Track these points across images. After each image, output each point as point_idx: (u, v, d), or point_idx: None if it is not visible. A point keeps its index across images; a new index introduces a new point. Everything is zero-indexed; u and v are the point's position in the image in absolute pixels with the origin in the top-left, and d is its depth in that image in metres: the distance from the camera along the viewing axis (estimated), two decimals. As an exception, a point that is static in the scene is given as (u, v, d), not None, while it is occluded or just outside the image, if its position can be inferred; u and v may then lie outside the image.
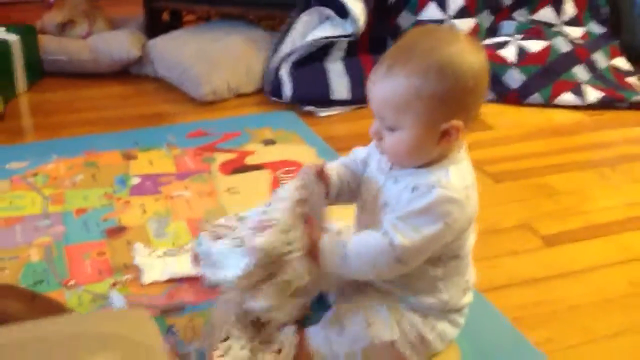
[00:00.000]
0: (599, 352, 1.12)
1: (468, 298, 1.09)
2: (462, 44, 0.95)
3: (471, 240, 1.05)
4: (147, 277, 1.22)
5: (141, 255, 1.29)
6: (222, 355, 1.00)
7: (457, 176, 0.98)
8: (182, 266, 1.24)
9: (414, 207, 0.96)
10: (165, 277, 1.22)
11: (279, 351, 1.03)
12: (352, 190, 1.10)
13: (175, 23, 2.60)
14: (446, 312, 1.07)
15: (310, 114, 2.03)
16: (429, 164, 1.00)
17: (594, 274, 1.32)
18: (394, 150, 1.00)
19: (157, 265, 1.25)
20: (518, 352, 1.12)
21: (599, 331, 1.17)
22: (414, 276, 1.02)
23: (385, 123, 0.98)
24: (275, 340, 1.04)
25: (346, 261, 0.98)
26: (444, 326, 1.08)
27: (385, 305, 1.05)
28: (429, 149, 0.98)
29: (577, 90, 2.15)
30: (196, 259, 1.02)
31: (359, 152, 1.13)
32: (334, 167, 1.10)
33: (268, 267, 0.97)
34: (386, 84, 0.95)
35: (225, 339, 1.02)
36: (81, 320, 0.74)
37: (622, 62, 2.29)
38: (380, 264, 0.97)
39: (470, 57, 0.94)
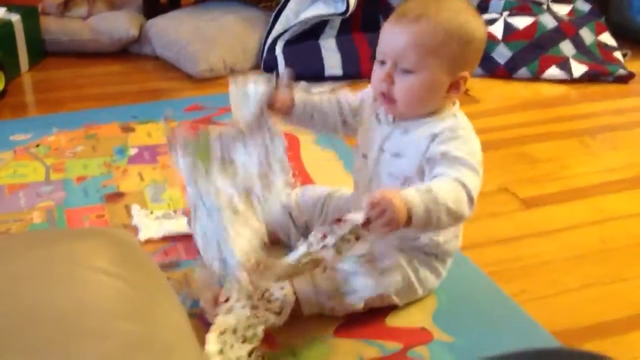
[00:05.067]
0: (568, 302, 1.18)
1: (458, 243, 1.15)
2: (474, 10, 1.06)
3: None
4: (143, 234, 1.29)
5: (139, 215, 1.36)
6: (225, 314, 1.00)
7: (466, 120, 1.07)
8: (177, 226, 1.31)
9: (451, 150, 1.00)
10: (160, 235, 1.29)
11: (280, 312, 1.04)
12: (312, 120, 1.14)
13: (173, 4, 2.65)
14: (432, 256, 1.12)
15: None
16: (432, 114, 1.06)
17: (567, 232, 1.38)
18: (407, 94, 1.03)
19: (153, 225, 1.32)
20: (493, 302, 1.18)
21: (569, 283, 1.23)
22: None
23: (403, 65, 1.02)
24: (272, 298, 1.04)
25: (437, 206, 0.95)
26: (425, 273, 1.13)
27: None
28: (438, 96, 1.05)
29: (563, 65, 2.20)
30: None
31: (350, 97, 1.16)
32: (304, 98, 1.13)
33: None
34: (420, 27, 1.00)
35: (226, 300, 1.03)
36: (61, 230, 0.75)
37: (607, 38, 2.34)
38: (462, 207, 0.97)
39: (482, 22, 1.06)
